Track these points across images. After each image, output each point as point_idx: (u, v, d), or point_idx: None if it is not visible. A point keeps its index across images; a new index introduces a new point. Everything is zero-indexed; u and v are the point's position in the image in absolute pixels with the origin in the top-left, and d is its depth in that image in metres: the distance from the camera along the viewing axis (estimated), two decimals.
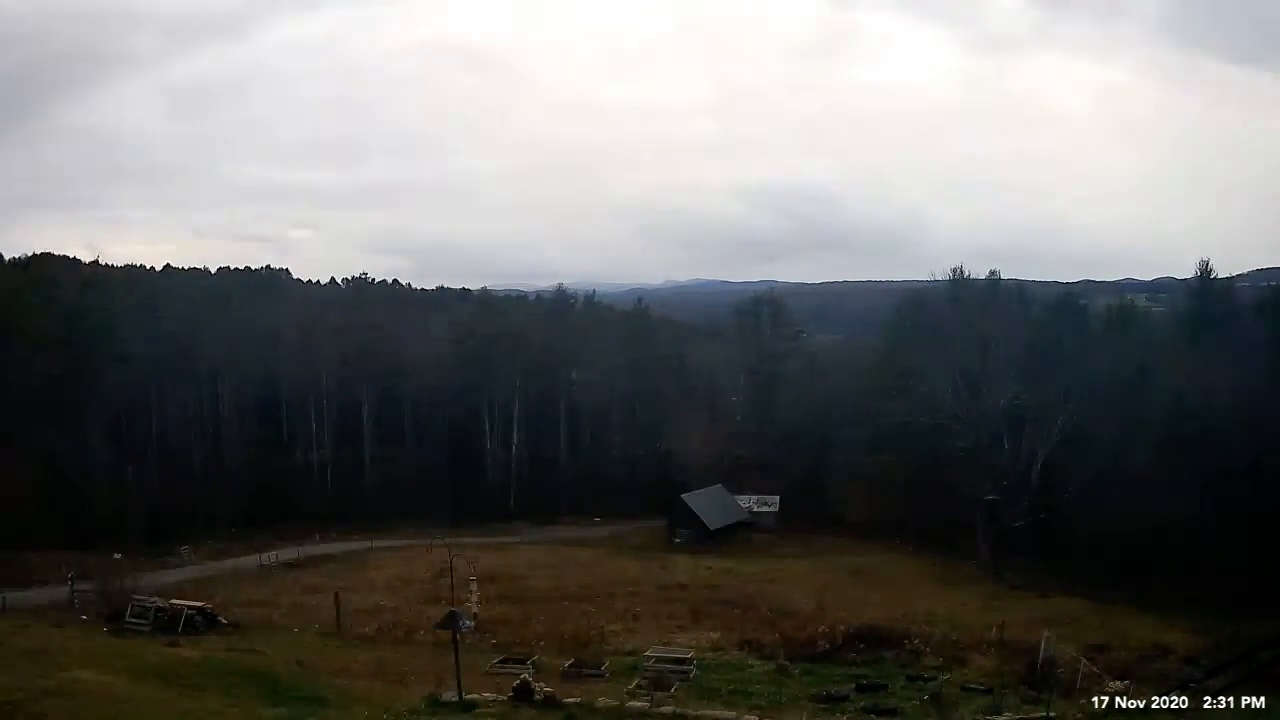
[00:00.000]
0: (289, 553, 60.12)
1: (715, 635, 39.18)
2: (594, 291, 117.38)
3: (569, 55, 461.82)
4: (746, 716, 23.13)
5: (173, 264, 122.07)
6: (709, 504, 75.39)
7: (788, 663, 31.43)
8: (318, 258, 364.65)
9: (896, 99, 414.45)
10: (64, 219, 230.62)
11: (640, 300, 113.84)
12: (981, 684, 28.48)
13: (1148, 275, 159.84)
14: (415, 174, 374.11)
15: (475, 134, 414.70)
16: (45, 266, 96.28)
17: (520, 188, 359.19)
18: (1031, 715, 23.30)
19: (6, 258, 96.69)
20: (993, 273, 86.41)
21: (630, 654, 33.21)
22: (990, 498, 62.66)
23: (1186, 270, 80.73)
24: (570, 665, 30.48)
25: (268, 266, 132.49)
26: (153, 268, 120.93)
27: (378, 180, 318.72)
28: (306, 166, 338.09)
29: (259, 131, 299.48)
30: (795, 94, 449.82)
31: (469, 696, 22.72)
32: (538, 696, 22.86)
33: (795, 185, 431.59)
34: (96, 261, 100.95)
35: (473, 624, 35.30)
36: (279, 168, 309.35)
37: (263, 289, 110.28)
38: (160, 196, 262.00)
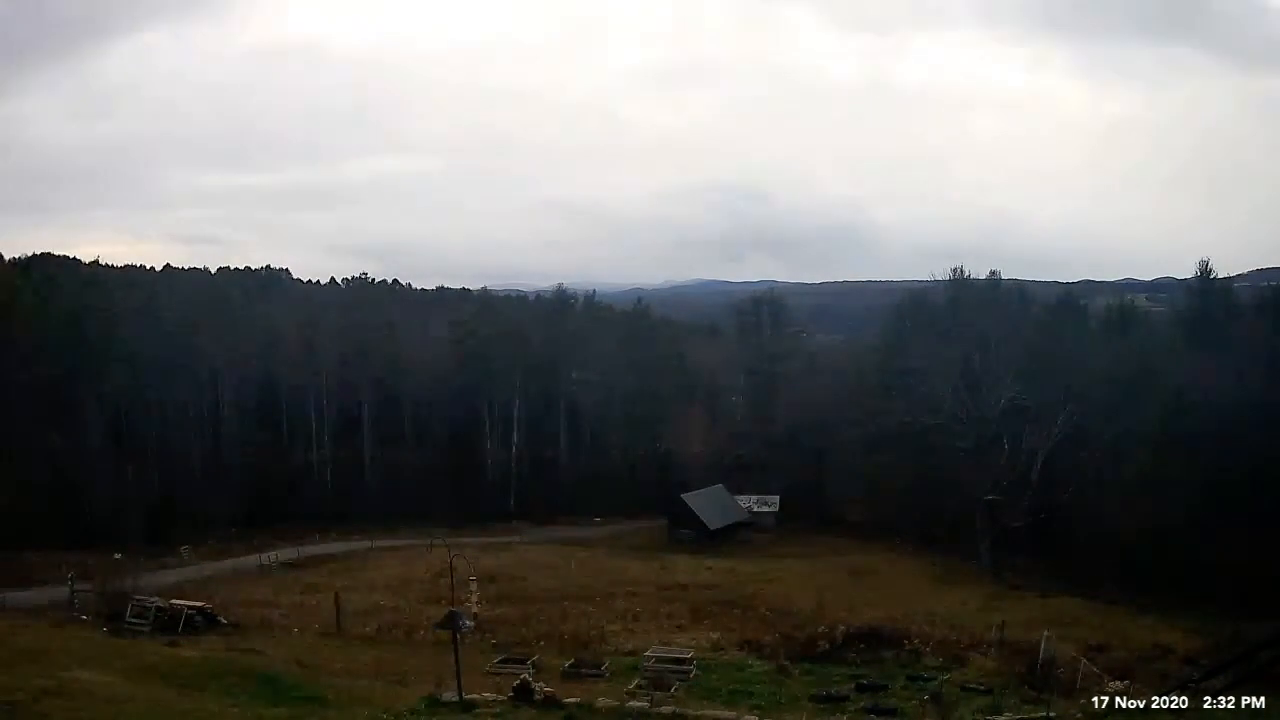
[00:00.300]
0: (289, 553, 60.08)
1: (715, 635, 39.14)
2: (594, 291, 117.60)
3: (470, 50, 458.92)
4: (746, 716, 23.05)
5: (172, 264, 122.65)
6: (709, 504, 75.40)
7: (788, 663, 31.33)
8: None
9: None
10: None
11: (640, 300, 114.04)
12: (981, 684, 28.41)
13: (1148, 275, 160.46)
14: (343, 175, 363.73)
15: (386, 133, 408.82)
16: (45, 266, 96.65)
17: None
18: (1031, 715, 23.24)
19: (6, 258, 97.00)
20: (993, 273, 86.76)
21: (630, 654, 33.12)
22: (990, 498, 62.64)
23: (1186, 270, 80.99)
24: (570, 665, 30.41)
25: (268, 266, 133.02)
26: (153, 268, 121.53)
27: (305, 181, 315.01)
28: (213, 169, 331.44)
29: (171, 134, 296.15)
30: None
31: (469, 696, 22.67)
32: (538, 696, 22.81)
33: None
34: (96, 261, 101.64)
35: (473, 624, 35.21)
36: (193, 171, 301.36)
37: (263, 289, 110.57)
38: None
